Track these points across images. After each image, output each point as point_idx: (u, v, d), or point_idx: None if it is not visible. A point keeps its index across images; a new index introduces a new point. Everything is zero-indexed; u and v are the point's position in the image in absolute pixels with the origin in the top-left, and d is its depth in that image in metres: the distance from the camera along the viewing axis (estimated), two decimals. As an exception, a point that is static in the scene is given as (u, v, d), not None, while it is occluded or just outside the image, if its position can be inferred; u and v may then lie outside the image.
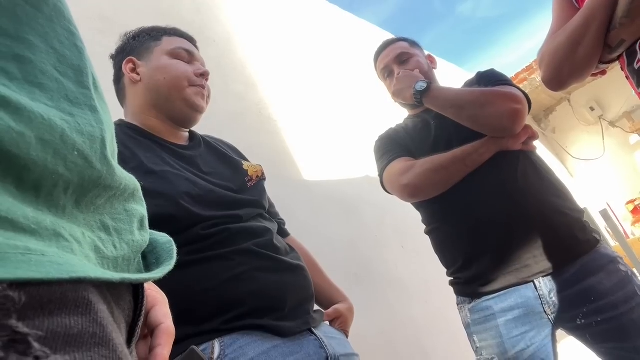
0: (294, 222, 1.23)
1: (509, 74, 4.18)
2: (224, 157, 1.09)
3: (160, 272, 0.38)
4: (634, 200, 4.38)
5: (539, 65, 1.16)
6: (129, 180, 0.37)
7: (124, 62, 1.05)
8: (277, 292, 0.89)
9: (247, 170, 1.08)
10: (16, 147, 0.25)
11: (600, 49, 0.99)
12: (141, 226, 0.39)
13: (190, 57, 1.06)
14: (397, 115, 1.60)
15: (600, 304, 1.10)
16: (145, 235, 0.39)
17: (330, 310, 1.10)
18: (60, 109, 0.30)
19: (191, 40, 1.12)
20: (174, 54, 1.04)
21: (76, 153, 0.29)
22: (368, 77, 2.54)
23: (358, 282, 1.71)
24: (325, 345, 0.89)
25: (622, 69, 1.03)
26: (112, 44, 1.11)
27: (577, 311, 1.12)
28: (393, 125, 1.52)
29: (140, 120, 1.02)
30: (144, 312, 0.38)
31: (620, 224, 4.22)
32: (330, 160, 2.04)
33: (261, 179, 1.11)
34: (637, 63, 0.95)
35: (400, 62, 1.45)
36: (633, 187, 4.57)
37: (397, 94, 1.41)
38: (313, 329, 0.92)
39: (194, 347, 0.75)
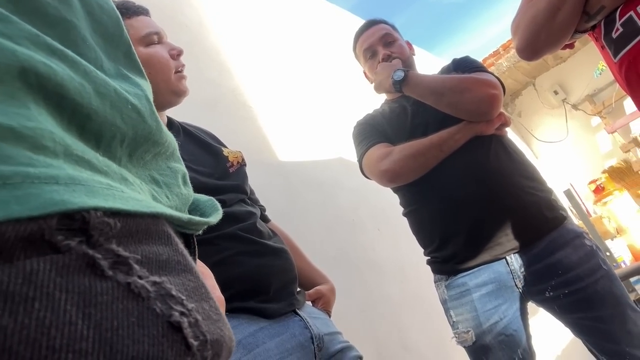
0: (272, 208, 1.25)
1: (477, 59, 4.26)
2: (204, 145, 1.08)
3: (214, 218, 0.40)
4: (596, 180, 4.57)
5: (513, 34, 1.14)
6: (171, 138, 0.39)
7: None
8: (261, 275, 0.90)
9: (227, 157, 1.08)
10: (79, 96, 0.26)
11: (579, 16, 0.98)
12: (184, 182, 0.40)
13: (159, 37, 1.01)
14: (373, 99, 1.62)
15: (567, 276, 1.16)
16: (189, 191, 0.41)
17: (312, 291, 1.12)
18: (107, 73, 0.31)
19: (143, 11, 1.05)
20: (147, 42, 0.99)
21: (130, 107, 0.31)
22: (342, 61, 2.55)
23: (336, 265, 1.74)
24: (310, 325, 0.92)
25: (597, 40, 1.03)
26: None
27: (545, 284, 1.19)
28: (370, 110, 1.54)
29: None
30: (196, 258, 0.40)
31: (583, 203, 4.41)
32: (307, 145, 2.05)
33: (242, 164, 1.11)
34: (615, 32, 0.94)
35: (385, 43, 1.46)
36: (595, 167, 4.77)
37: (378, 87, 1.42)
38: (297, 310, 0.94)
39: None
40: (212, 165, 1.02)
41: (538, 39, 1.05)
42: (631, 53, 0.92)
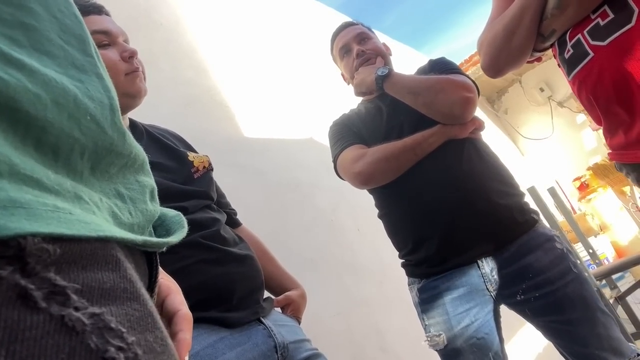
0: (248, 209, 1.23)
1: (465, 55, 4.26)
2: (168, 149, 1.06)
3: (176, 238, 0.39)
4: (580, 177, 4.61)
5: (478, 53, 1.19)
6: (139, 150, 0.38)
7: None
8: (224, 284, 0.88)
9: (192, 162, 1.06)
10: (33, 108, 0.25)
11: (534, 38, 1.03)
12: (152, 197, 0.39)
13: (110, 38, 0.96)
14: (350, 99, 1.61)
15: (538, 280, 1.16)
16: (156, 207, 0.40)
17: (280, 297, 1.11)
18: (69, 76, 0.30)
19: (97, 9, 0.98)
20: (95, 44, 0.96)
21: (89, 118, 0.29)
22: (323, 60, 2.53)
23: (314, 267, 1.73)
24: (274, 334, 0.90)
25: (554, 57, 1.08)
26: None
27: (516, 288, 1.18)
28: (346, 111, 1.53)
29: None
30: (157, 283, 0.39)
31: (568, 200, 4.45)
32: (284, 146, 2.03)
33: (208, 169, 1.09)
34: (567, 53, 0.99)
35: (359, 40, 1.46)
36: (580, 164, 4.81)
37: (359, 85, 1.41)
38: (262, 318, 0.92)
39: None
40: (175, 170, 1.00)
41: (499, 59, 1.11)
42: (581, 73, 0.96)
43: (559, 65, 1.07)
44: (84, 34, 0.35)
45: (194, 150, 1.13)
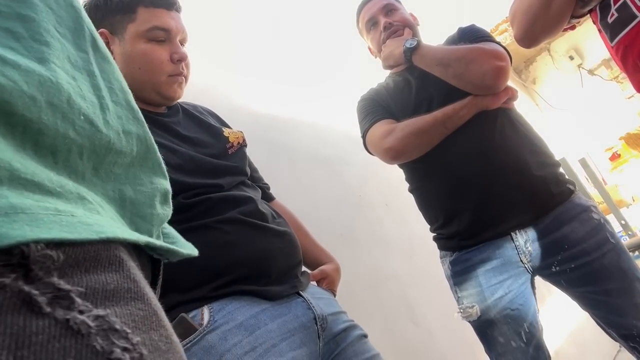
0: (277, 187, 1.24)
1: (489, 26, 4.13)
2: (204, 124, 1.07)
3: (183, 249, 0.37)
4: (612, 147, 4.48)
5: (510, 23, 1.16)
6: (149, 146, 0.37)
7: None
8: (264, 259, 0.90)
9: (227, 137, 1.07)
10: (28, 111, 0.25)
11: (574, 3, 0.99)
12: (163, 201, 0.39)
13: (167, 35, 0.96)
14: (378, 73, 1.59)
15: (574, 251, 1.15)
16: (166, 210, 0.39)
17: (316, 271, 1.12)
18: (65, 71, 0.30)
19: (169, 4, 0.99)
20: (150, 37, 0.94)
21: (82, 117, 0.29)
22: (350, 35, 2.50)
23: (344, 243, 1.75)
24: (313, 306, 0.92)
25: (594, 23, 1.03)
26: None
27: (552, 259, 1.18)
28: (374, 85, 1.52)
29: None
30: (159, 285, 0.39)
31: (599, 171, 4.33)
32: (311, 122, 2.03)
33: (242, 145, 1.10)
34: (611, 17, 0.95)
35: (386, 12, 1.43)
36: (611, 134, 4.66)
37: (387, 57, 1.39)
38: (300, 292, 0.95)
39: (183, 314, 0.78)
40: (210, 145, 1.01)
41: (534, 29, 1.07)
42: (627, 38, 0.92)
43: (599, 30, 1.02)
44: (79, 26, 0.34)
45: (228, 126, 1.15)
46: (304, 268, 1.07)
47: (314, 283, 1.11)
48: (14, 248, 0.21)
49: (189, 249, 0.39)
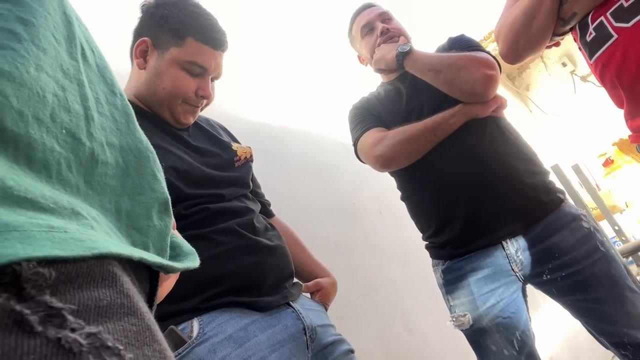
0: (271, 195, 1.25)
1: (484, 32, 4.15)
2: (213, 137, 1.10)
3: (179, 264, 0.37)
4: (605, 153, 4.51)
5: (496, 39, 1.18)
6: (146, 151, 0.37)
7: (138, 42, 0.99)
8: (255, 273, 0.91)
9: (236, 151, 1.09)
10: (16, 127, 0.25)
11: (554, 22, 1.03)
12: (163, 210, 0.38)
13: (202, 72, 0.99)
14: (370, 82, 1.60)
15: (564, 259, 1.16)
16: (166, 220, 0.39)
17: (311, 283, 1.12)
18: (56, 80, 0.30)
19: (218, 44, 1.01)
20: (187, 68, 0.97)
21: (64, 132, 0.30)
22: (343, 44, 2.51)
23: (337, 250, 1.75)
24: (303, 317, 0.93)
25: (575, 41, 1.07)
26: None
27: (542, 267, 1.18)
28: (366, 94, 1.53)
29: (134, 94, 1.01)
30: (155, 301, 0.39)
31: (593, 177, 4.36)
32: (305, 130, 2.04)
33: (249, 160, 1.12)
34: (589, 35, 0.97)
35: (383, 19, 1.46)
36: (604, 140, 4.69)
37: (378, 61, 1.40)
38: (290, 302, 0.95)
39: (172, 326, 0.78)
40: (218, 156, 1.03)
41: (518, 46, 1.10)
42: (604, 56, 0.95)
43: (580, 48, 1.05)
44: (72, 34, 0.35)
45: (237, 142, 1.17)
46: (295, 280, 1.07)
47: (308, 295, 1.11)
48: (5, 267, 0.21)
49: (188, 261, 0.39)
